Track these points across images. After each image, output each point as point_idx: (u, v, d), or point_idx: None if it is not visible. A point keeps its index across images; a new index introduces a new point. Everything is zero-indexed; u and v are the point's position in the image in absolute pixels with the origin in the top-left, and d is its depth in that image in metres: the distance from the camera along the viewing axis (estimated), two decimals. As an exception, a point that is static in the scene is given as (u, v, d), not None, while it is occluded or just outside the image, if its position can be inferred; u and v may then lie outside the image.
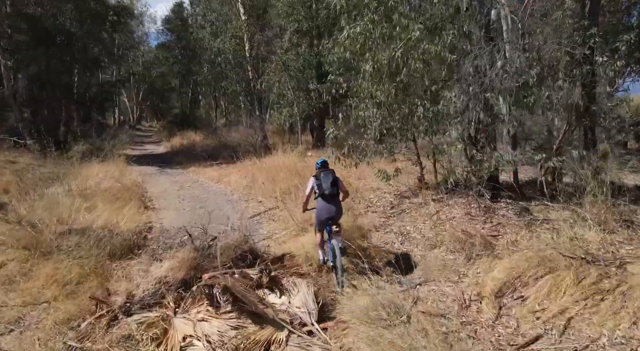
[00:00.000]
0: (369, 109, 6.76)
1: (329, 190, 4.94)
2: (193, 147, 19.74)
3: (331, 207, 4.95)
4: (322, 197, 4.98)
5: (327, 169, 5.19)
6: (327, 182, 4.96)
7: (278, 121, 16.73)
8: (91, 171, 13.62)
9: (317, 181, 5.06)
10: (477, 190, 6.18)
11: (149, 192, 11.03)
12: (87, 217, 6.82)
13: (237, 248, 4.61)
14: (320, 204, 5.01)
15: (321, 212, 5.00)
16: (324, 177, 5.03)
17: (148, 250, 5.53)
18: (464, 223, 5.72)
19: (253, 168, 12.07)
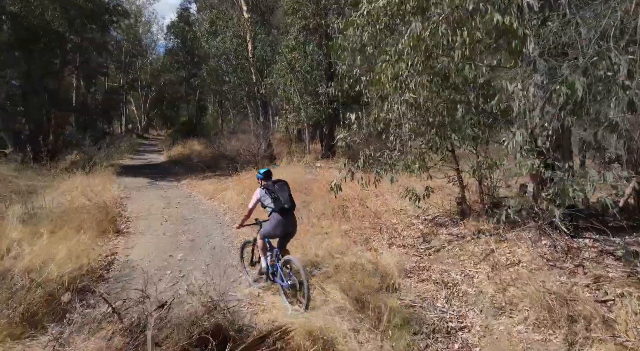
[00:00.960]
0: (395, 108, 4.99)
1: (288, 203, 4.46)
2: (193, 157, 18.19)
3: (287, 221, 4.49)
4: (281, 211, 4.42)
5: (279, 180, 4.67)
6: (284, 195, 4.46)
7: (283, 128, 15.10)
8: (72, 184, 12.10)
9: (271, 194, 4.46)
10: (549, 220, 4.37)
11: (129, 211, 9.38)
12: (23, 250, 5.16)
13: (195, 325, 2.88)
14: (277, 219, 4.44)
15: (277, 228, 4.47)
16: (279, 188, 4.51)
17: (73, 314, 3.82)
18: (541, 273, 3.90)
19: (252, 182, 10.37)
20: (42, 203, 9.66)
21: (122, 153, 23.34)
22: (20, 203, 8.89)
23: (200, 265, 5.75)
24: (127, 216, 8.85)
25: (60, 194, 11.01)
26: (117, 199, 10.37)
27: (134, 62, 43.81)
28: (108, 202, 9.45)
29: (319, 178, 10.84)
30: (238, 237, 7.03)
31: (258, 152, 13.12)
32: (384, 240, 5.90)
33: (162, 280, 5.25)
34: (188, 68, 31.23)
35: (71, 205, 8.84)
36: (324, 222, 7.05)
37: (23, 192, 11.83)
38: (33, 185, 12.33)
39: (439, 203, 6.64)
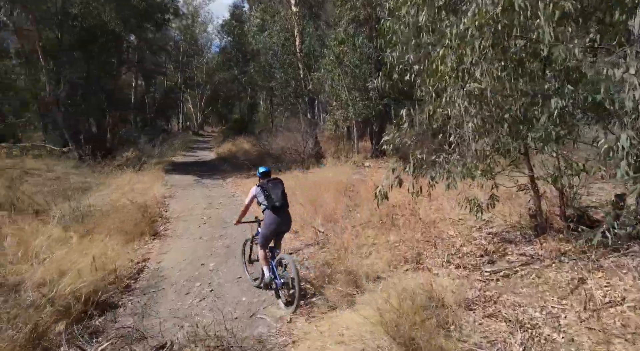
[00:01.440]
0: (457, 103, 4.13)
1: (280, 201, 4.55)
2: (241, 154, 18.06)
3: (280, 219, 4.55)
4: (273, 209, 4.51)
5: (274, 178, 4.83)
6: (277, 194, 4.58)
7: (331, 125, 14.44)
8: (121, 182, 12.27)
9: (264, 192, 4.58)
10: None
11: (171, 211, 9.19)
12: (46, 258, 4.91)
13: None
14: (271, 217, 4.52)
15: (271, 225, 4.53)
16: (272, 187, 4.64)
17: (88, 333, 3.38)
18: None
19: (295, 183, 9.82)
20: (90, 201, 9.79)
21: (175, 151, 23.93)
22: (72, 200, 8.97)
23: (232, 277, 5.24)
24: (167, 217, 8.63)
25: (111, 192, 11.15)
26: (161, 198, 10.26)
27: (191, 62, 45.26)
28: (150, 202, 9.33)
29: (367, 180, 10.08)
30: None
31: (304, 150, 12.56)
32: (439, 257, 5.05)
33: (190, 293, 4.80)
34: (239, 66, 31.46)
35: (115, 204, 8.77)
36: (369, 231, 6.30)
37: (78, 189, 12.19)
38: (87, 183, 12.65)
39: (506, 215, 5.66)
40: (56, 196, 10.29)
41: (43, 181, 12.39)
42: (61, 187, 11.94)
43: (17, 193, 8.69)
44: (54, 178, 13.02)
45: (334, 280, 4.54)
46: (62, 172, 13.65)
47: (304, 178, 10.20)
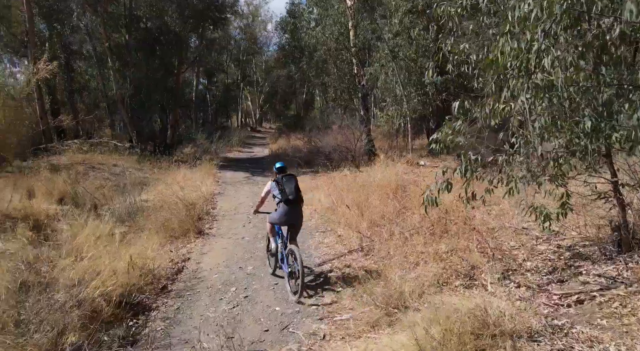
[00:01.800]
0: (520, 98, 3.52)
1: (292, 195, 4.74)
2: (291, 151, 18.01)
3: (294, 212, 4.79)
4: (286, 202, 4.71)
5: (289, 174, 5.01)
6: (291, 187, 4.76)
7: (384, 122, 13.85)
8: (176, 178, 12.63)
9: (279, 186, 4.79)
10: None
11: (218, 209, 9.23)
12: (90, 253, 4.97)
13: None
14: (283, 209, 4.75)
15: (282, 217, 4.79)
16: (286, 181, 4.81)
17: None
18: None
19: (343, 183, 9.46)
20: (144, 196, 10.12)
21: (231, 147, 24.53)
22: (129, 195, 9.31)
23: (268, 282, 4.99)
24: (214, 214, 8.66)
25: (165, 187, 11.46)
26: (210, 195, 10.37)
27: (251, 60, 46.40)
28: (200, 199, 9.44)
29: (419, 180, 9.48)
30: (318, 249, 6.18)
31: (355, 148, 12.14)
32: (496, 273, 4.44)
33: (224, 298, 4.62)
34: (296, 62, 31.56)
35: (166, 200, 8.93)
36: (418, 238, 5.77)
37: (137, 183, 12.73)
38: (146, 178, 13.19)
39: (580, 226, 4.88)
40: (117, 190, 10.79)
41: (107, 176, 13.08)
42: (122, 181, 12.52)
43: (79, 188, 9.12)
44: (118, 173, 13.73)
45: (375, 293, 4.12)
46: (125, 167, 14.36)
47: (352, 178, 9.80)
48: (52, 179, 9.56)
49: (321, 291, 4.64)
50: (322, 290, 4.66)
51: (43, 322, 3.24)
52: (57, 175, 10.77)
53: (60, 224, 6.50)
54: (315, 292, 4.63)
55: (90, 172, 12.98)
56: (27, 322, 3.30)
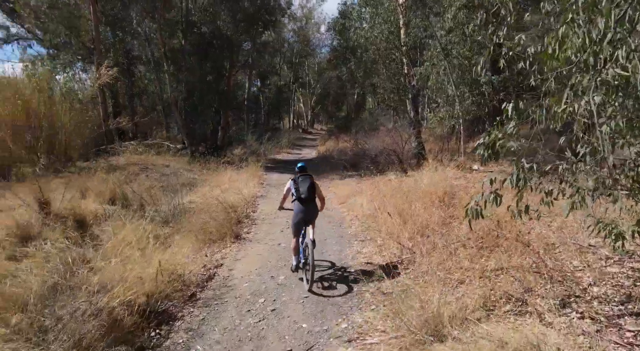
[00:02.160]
0: (584, 98, 2.97)
1: (305, 194, 5.13)
2: (337, 154, 17.74)
3: (306, 209, 5.15)
4: (299, 200, 5.14)
5: (306, 174, 5.38)
6: (305, 187, 5.16)
7: (434, 124, 13.14)
8: (222, 179, 12.81)
9: (295, 184, 5.22)
10: None
11: (259, 212, 9.15)
12: (131, 253, 5.00)
13: None
14: (297, 207, 5.19)
15: (298, 214, 5.17)
16: (301, 181, 5.23)
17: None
18: None
19: (387, 188, 9.02)
20: (190, 198, 10.30)
21: (280, 148, 24.75)
22: (176, 195, 9.51)
23: (298, 295, 4.73)
24: (254, 218, 8.58)
25: (211, 188, 11.66)
26: (252, 198, 10.36)
27: (303, 62, 46.83)
28: (242, 201, 9.43)
29: (471, 186, 8.82)
30: (355, 259, 5.83)
31: (402, 150, 11.60)
32: (555, 298, 3.86)
33: (251, 310, 4.42)
34: (346, 63, 31.28)
35: (209, 202, 9.00)
36: (465, 252, 5.25)
37: (186, 184, 13.09)
38: (195, 179, 13.53)
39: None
40: (165, 191, 11.12)
41: (158, 176, 13.55)
42: (172, 182, 12.93)
43: (127, 189, 9.44)
44: (168, 174, 14.20)
45: (410, 316, 3.72)
46: (176, 168, 14.86)
47: (398, 182, 9.32)
48: (105, 180, 9.99)
49: (352, 308, 4.30)
50: (354, 307, 4.32)
51: (62, 331, 3.20)
52: (111, 176, 11.29)
53: (105, 225, 6.66)
54: (346, 309, 4.30)
55: (143, 172, 13.51)
56: (49, 330, 3.28)
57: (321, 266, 5.67)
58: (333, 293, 4.70)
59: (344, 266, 5.58)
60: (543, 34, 3.55)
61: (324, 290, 4.82)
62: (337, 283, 5.02)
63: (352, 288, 4.82)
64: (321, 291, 4.81)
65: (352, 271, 5.34)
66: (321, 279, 5.22)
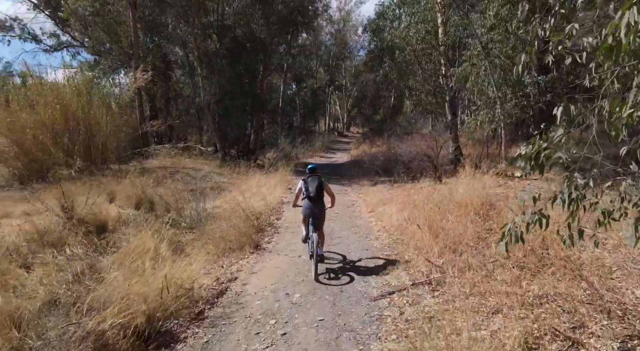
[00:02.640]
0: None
1: (313, 193, 5.69)
2: (368, 159, 17.17)
3: (313, 206, 5.70)
4: (308, 198, 5.71)
5: (315, 174, 5.95)
6: (313, 186, 5.73)
7: (472, 128, 12.33)
8: (250, 184, 12.62)
9: (305, 184, 5.80)
10: None
11: (283, 219, 8.81)
12: (140, 263, 4.78)
13: None
14: (306, 203, 5.76)
15: (305, 210, 5.77)
16: (310, 181, 5.80)
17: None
18: None
19: (420, 196, 8.42)
20: (216, 202, 10.14)
21: (313, 152, 24.48)
22: (203, 199, 9.37)
23: (313, 317, 4.30)
24: (277, 226, 8.24)
25: (239, 193, 11.47)
26: (278, 204, 10.04)
27: (340, 65, 46.49)
28: (265, 208, 9.14)
29: (512, 195, 8.08)
30: (379, 276, 5.33)
31: (437, 156, 10.92)
32: (615, 339, 3.22)
33: (260, 333, 4.04)
34: (381, 65, 30.64)
35: (235, 208, 8.77)
36: (503, 273, 4.64)
37: (215, 188, 13.02)
38: (224, 183, 13.44)
39: None
40: (194, 195, 11.08)
41: (189, 180, 13.56)
42: (201, 186, 12.89)
43: (153, 193, 9.39)
44: (199, 177, 14.19)
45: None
46: (206, 172, 14.86)
47: (431, 191, 8.70)
48: (134, 183, 10.00)
49: (371, 336, 3.82)
50: (373, 335, 3.84)
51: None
52: (141, 179, 11.35)
53: (123, 232, 6.54)
54: (364, 337, 3.83)
55: (173, 176, 13.57)
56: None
57: (340, 280, 5.23)
58: (350, 318, 4.23)
59: (365, 284, 5.10)
60: (600, 24, 2.95)
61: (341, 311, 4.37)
62: (356, 303, 4.55)
63: (372, 311, 4.34)
64: (337, 311, 4.37)
65: (374, 290, 4.86)
66: (340, 293, 4.79)
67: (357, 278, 5.27)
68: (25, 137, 11.94)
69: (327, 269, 5.65)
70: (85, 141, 13.09)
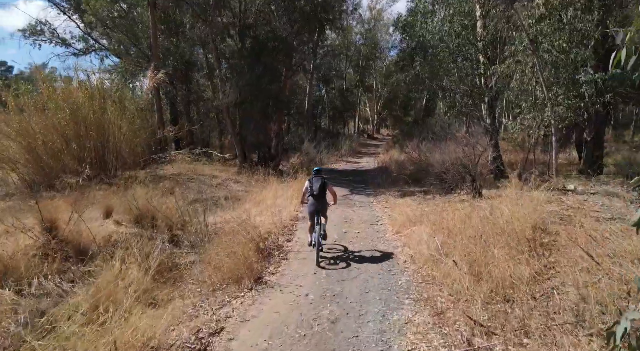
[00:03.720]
0: None
1: (316, 191, 6.58)
2: (397, 165, 15.80)
3: (316, 203, 6.61)
4: (312, 196, 6.62)
5: (319, 175, 6.77)
6: (316, 186, 6.59)
7: (516, 133, 10.78)
8: (269, 193, 11.60)
9: (309, 184, 6.71)
10: None
11: (294, 241, 7.70)
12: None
13: None
14: (310, 200, 6.68)
15: (310, 206, 6.69)
16: (314, 181, 6.65)
17: None
18: None
19: (456, 216, 7.09)
20: (227, 216, 9.17)
21: (339, 157, 23.28)
22: (206, 213, 8.43)
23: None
24: (286, 250, 7.11)
25: (252, 205, 10.51)
26: (292, 220, 8.95)
27: (370, 65, 45.14)
28: (276, 226, 8.07)
29: (572, 216, 6.64)
30: (402, 335, 4.12)
31: (475, 165, 9.50)
32: None
33: None
34: (412, 64, 29.01)
35: (244, 224, 7.76)
36: (579, 341, 3.34)
37: (230, 198, 12.10)
38: (239, 192, 12.50)
39: None
40: (207, 205, 10.26)
41: (204, 188, 12.71)
42: (216, 194, 12.01)
43: (163, 203, 8.51)
44: (215, 185, 13.34)
45: None
46: (223, 179, 13.98)
47: (468, 209, 7.33)
48: (137, 194, 9.18)
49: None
50: None
51: None
52: (150, 188, 10.57)
53: (116, 253, 5.63)
54: None
55: (187, 183, 12.77)
56: None
57: (347, 335, 4.06)
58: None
59: (383, 344, 3.90)
60: None
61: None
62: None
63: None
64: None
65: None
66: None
67: (371, 336, 4.08)
68: (35, 143, 11.45)
69: (331, 312, 4.49)
70: (97, 147, 12.49)
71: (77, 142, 12.00)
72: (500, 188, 9.96)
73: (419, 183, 12.27)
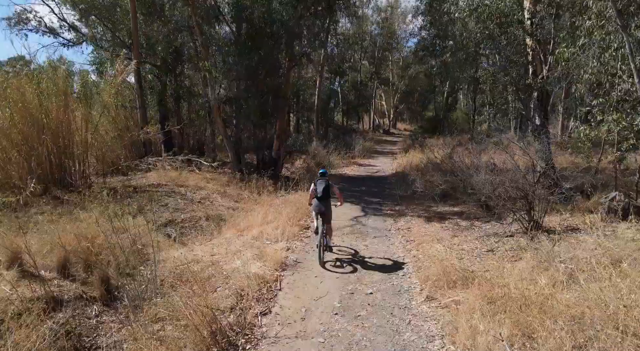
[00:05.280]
0: None
1: (321, 193, 6.76)
2: (420, 174, 13.09)
3: (321, 205, 6.77)
4: (316, 197, 6.82)
5: (323, 178, 6.96)
6: (321, 188, 6.78)
7: (583, 141, 7.97)
8: (257, 215, 9.16)
9: (314, 186, 6.90)
10: None
11: (274, 311, 5.17)
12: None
13: None
14: (315, 202, 6.86)
15: (315, 207, 6.87)
16: (319, 184, 6.84)
17: None
18: None
19: (512, 273, 4.50)
20: (193, 253, 6.76)
21: (353, 157, 20.67)
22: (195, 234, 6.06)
23: None
24: (259, 333, 4.55)
25: (234, 234, 8.08)
26: (277, 269, 6.36)
27: (387, 56, 42.57)
28: (248, 283, 5.56)
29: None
30: None
31: (533, 187, 6.84)
32: None
33: None
34: (436, 54, 26.04)
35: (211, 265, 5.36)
36: None
37: (213, 217, 9.75)
38: (223, 211, 10.07)
39: None
40: (182, 231, 8.04)
41: (183, 205, 10.33)
42: (196, 214, 9.65)
43: (110, 238, 6.12)
44: (198, 200, 10.97)
45: None
46: (208, 192, 11.61)
47: (530, 262, 4.72)
48: (91, 216, 6.85)
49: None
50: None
51: None
52: (114, 205, 8.27)
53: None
54: None
55: (165, 198, 10.44)
56: None
57: None
58: None
59: None
60: None
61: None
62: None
63: None
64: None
65: None
66: None
67: None
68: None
69: None
70: (53, 153, 10.22)
71: (25, 148, 9.75)
72: (564, 215, 7.31)
73: (449, 198, 9.67)
